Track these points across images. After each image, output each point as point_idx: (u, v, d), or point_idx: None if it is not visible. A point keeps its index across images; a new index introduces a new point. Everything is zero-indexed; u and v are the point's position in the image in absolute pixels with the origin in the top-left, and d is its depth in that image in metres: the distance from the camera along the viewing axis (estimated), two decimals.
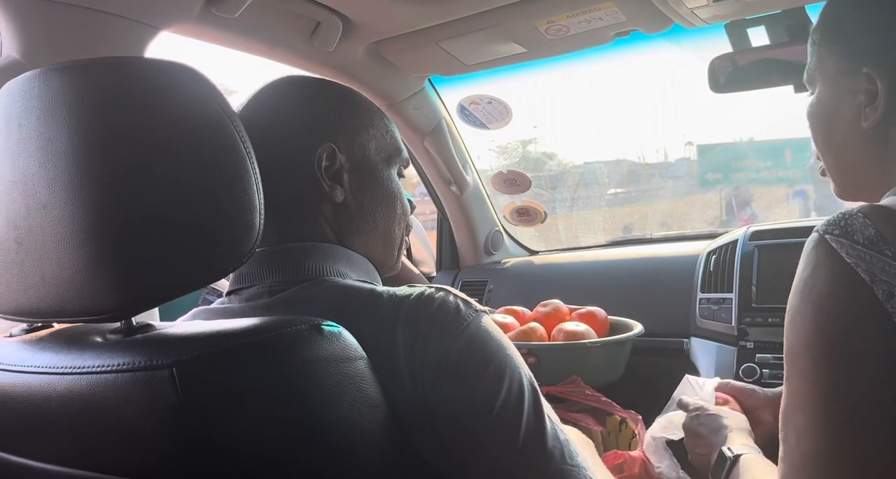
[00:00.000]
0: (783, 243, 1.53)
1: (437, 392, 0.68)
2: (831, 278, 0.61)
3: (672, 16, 1.26)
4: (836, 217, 0.64)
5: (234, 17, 1.13)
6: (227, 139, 0.64)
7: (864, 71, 0.73)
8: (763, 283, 1.50)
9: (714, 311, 1.54)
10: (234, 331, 0.60)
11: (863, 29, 0.76)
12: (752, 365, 1.41)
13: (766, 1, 1.21)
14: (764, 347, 1.44)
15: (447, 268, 2.16)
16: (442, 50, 1.45)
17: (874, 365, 0.58)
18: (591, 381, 1.27)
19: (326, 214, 0.83)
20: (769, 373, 1.39)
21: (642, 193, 8.22)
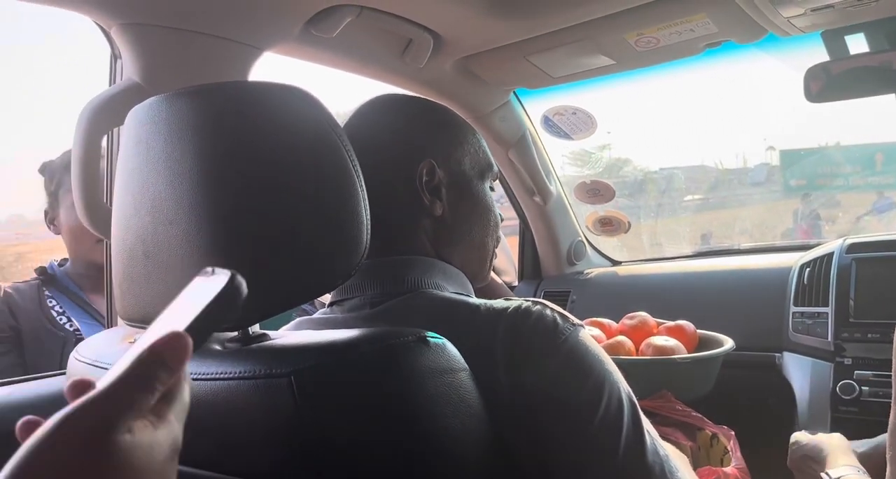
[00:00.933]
0: (883, 256, 1.48)
1: (536, 405, 0.69)
2: None
3: (766, 25, 1.24)
4: None
5: (331, 37, 1.18)
6: (337, 157, 0.67)
7: None
8: (861, 297, 1.45)
9: (808, 325, 1.50)
10: (344, 342, 0.62)
11: None
12: (850, 382, 1.37)
13: (867, 9, 1.18)
14: (863, 363, 1.39)
15: (529, 278, 2.16)
16: (530, 63, 1.46)
17: None
18: (680, 397, 1.25)
19: (426, 227, 0.86)
20: (869, 391, 1.34)
21: (721, 199, 7.99)
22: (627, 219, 2.03)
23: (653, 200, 7.14)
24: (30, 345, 1.45)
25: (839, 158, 6.81)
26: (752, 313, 1.63)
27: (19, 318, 1.47)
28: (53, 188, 1.55)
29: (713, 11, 1.21)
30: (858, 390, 1.36)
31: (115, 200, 0.73)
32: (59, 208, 1.55)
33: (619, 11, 1.25)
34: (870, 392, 1.35)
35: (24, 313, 1.47)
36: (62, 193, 1.52)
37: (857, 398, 1.35)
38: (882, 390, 1.33)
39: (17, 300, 1.49)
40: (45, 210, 1.58)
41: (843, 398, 1.37)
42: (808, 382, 1.46)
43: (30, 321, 1.47)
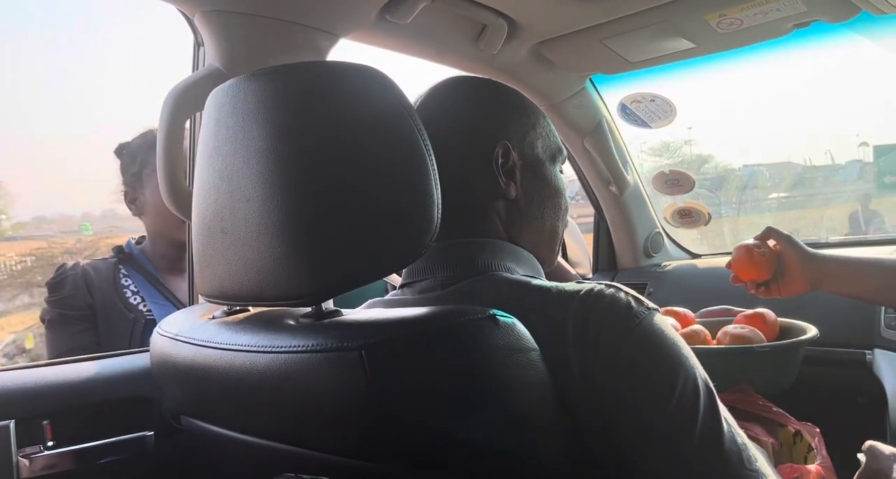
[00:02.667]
0: None
1: (608, 388, 0.67)
2: None
3: (860, 3, 1.18)
4: None
5: (406, 23, 1.18)
6: (410, 138, 0.67)
7: None
8: None
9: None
10: (415, 318, 0.63)
11: None
12: None
13: None
14: None
15: (604, 270, 2.13)
16: (606, 48, 1.43)
17: None
18: (760, 389, 1.20)
19: (499, 209, 0.85)
20: None
21: (808, 198, 7.70)
22: (708, 210, 1.96)
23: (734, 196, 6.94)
24: (103, 324, 1.48)
25: None
26: (841, 307, 1.54)
27: (95, 296, 1.50)
28: (136, 169, 1.57)
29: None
30: None
31: (196, 180, 0.75)
32: (142, 189, 1.57)
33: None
34: None
35: (99, 291, 1.50)
36: (146, 174, 1.54)
37: None
38: None
39: (93, 278, 1.52)
40: (124, 191, 1.60)
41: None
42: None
43: (104, 300, 1.50)
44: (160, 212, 1.47)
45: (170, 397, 0.88)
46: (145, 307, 1.51)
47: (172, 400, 0.88)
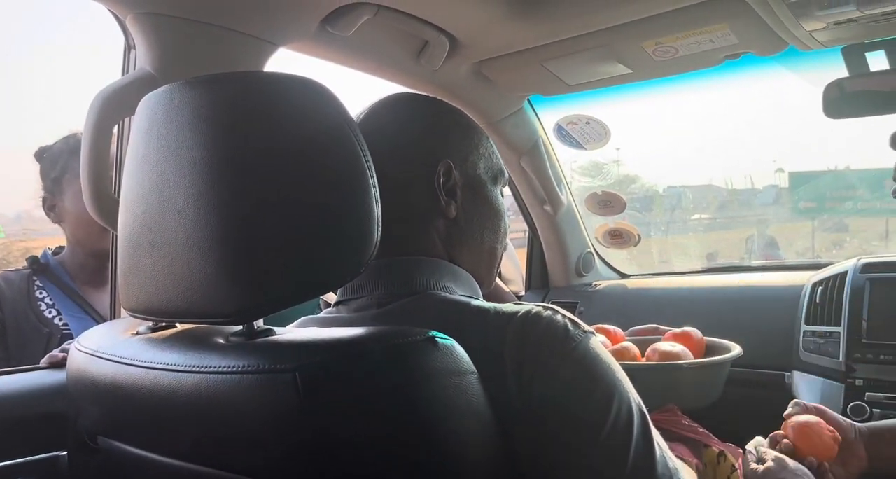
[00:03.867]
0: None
1: (544, 413, 0.67)
2: None
3: (788, 38, 1.23)
4: None
5: (347, 35, 1.17)
6: (350, 152, 0.66)
7: None
8: (874, 318, 1.43)
9: (820, 344, 1.47)
10: (351, 339, 0.61)
11: None
12: (861, 404, 1.34)
13: (890, 24, 1.16)
14: (875, 385, 1.36)
15: (536, 288, 2.15)
16: (545, 70, 1.45)
17: None
18: (687, 404, 1.23)
19: (439, 228, 0.84)
20: (880, 413, 1.32)
21: (729, 220, 8.00)
22: (637, 231, 2.01)
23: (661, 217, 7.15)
24: (14, 338, 1.40)
25: (850, 181, 6.80)
26: (762, 330, 1.61)
27: (5, 309, 1.42)
28: (57, 174, 1.49)
29: (735, 22, 1.20)
30: (869, 412, 1.33)
31: (124, 188, 0.72)
32: (61, 195, 1.49)
33: (638, 19, 1.24)
34: (881, 415, 1.32)
35: (10, 303, 1.43)
36: (67, 179, 1.47)
37: (867, 420, 1.32)
38: (894, 413, 1.31)
39: (3, 290, 1.44)
40: (43, 197, 1.52)
41: (854, 420, 1.34)
42: (817, 402, 1.43)
43: (15, 313, 1.42)
44: (81, 220, 1.40)
45: (86, 415, 0.84)
46: (61, 321, 1.43)
47: (89, 419, 0.84)
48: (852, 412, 1.34)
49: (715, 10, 1.18)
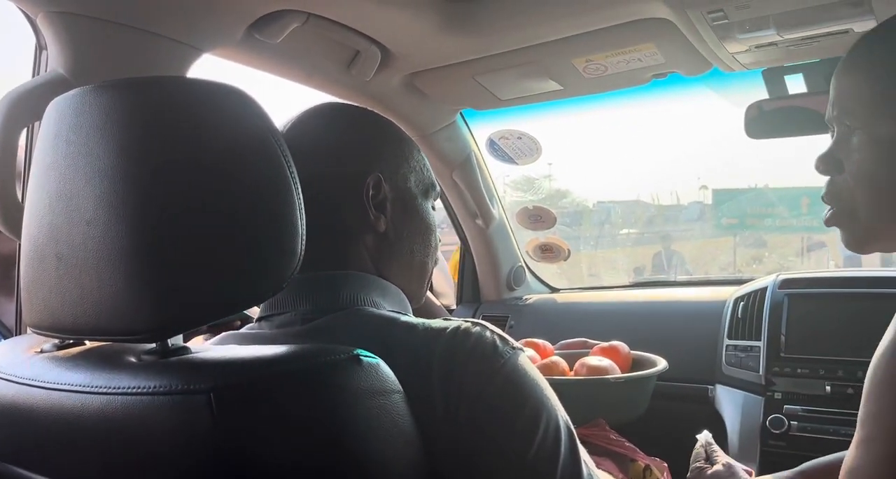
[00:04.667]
0: (815, 292, 1.51)
1: (471, 431, 0.66)
2: None
3: (712, 59, 1.26)
4: None
5: (275, 43, 1.14)
6: (274, 163, 0.63)
7: None
8: (793, 332, 1.47)
9: (741, 358, 1.51)
10: (272, 358, 0.58)
11: None
12: (779, 416, 1.38)
13: (808, 49, 1.21)
14: (792, 398, 1.41)
15: (468, 301, 2.14)
16: (477, 84, 1.45)
17: None
18: (614, 418, 1.24)
19: (367, 243, 0.82)
20: (797, 425, 1.36)
21: (655, 235, 8.22)
22: (567, 246, 2.03)
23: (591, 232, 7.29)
24: None
25: (769, 199, 7.07)
26: (687, 344, 1.64)
27: None
28: None
29: (661, 42, 1.22)
30: (787, 424, 1.37)
31: (29, 197, 0.67)
32: None
33: (569, 36, 1.25)
34: (798, 427, 1.36)
35: None
36: None
37: (785, 433, 1.36)
38: (810, 425, 1.35)
39: None
40: None
41: (772, 432, 1.38)
42: (739, 415, 1.47)
43: None
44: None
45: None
46: None
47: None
48: (771, 425, 1.38)
49: (643, 30, 1.20)
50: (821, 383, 1.39)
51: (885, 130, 0.74)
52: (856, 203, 0.78)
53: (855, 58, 0.78)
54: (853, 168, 0.77)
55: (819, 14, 1.09)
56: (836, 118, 0.79)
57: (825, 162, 0.80)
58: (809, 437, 1.34)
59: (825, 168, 0.80)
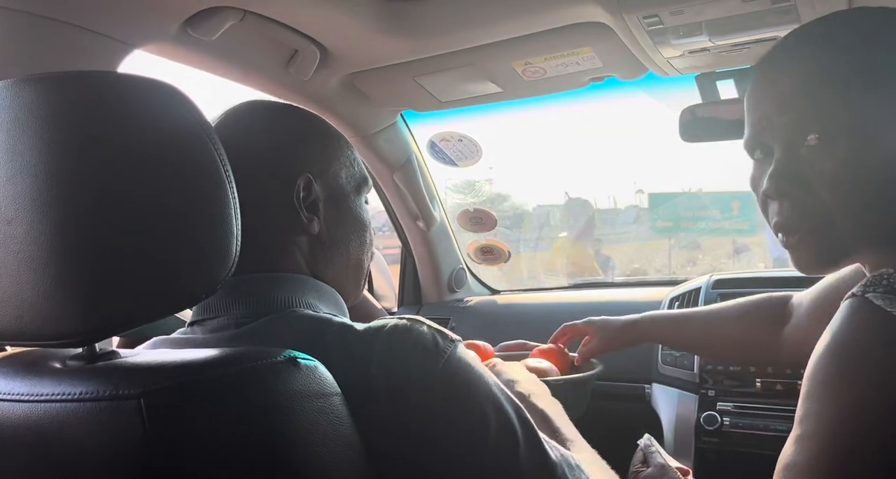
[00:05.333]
0: (745, 292, 1.55)
1: (418, 429, 0.65)
2: (881, 338, 0.57)
3: (648, 64, 1.29)
4: (874, 278, 0.61)
5: (210, 40, 1.11)
6: (206, 160, 0.61)
7: None
8: None
9: (676, 357, 1.55)
10: (205, 361, 0.57)
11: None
12: (713, 413, 1.41)
13: (739, 55, 1.24)
14: (725, 395, 1.44)
15: (409, 304, 2.13)
16: (417, 85, 1.45)
17: None
18: None
19: (300, 244, 0.81)
20: (730, 422, 1.39)
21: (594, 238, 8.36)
22: (508, 248, 2.04)
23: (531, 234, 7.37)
24: None
25: (703, 203, 7.25)
26: None
27: None
28: None
29: (598, 46, 1.24)
30: (720, 421, 1.40)
31: None
32: None
33: (509, 39, 1.26)
34: (731, 423, 1.40)
35: None
36: None
37: (718, 429, 1.40)
38: (741, 421, 1.39)
39: None
40: None
41: (706, 429, 1.41)
42: (674, 413, 1.50)
43: None
44: None
45: None
46: None
47: None
48: (705, 422, 1.41)
49: (581, 34, 1.22)
50: (752, 380, 1.43)
51: (859, 140, 0.68)
52: (833, 219, 0.70)
53: (787, 63, 0.73)
54: (828, 182, 0.69)
55: (749, 21, 1.12)
56: (788, 130, 0.72)
57: (789, 182, 0.71)
58: (741, 432, 1.37)
59: (789, 189, 0.72)
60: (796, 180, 0.71)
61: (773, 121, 0.72)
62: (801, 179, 0.70)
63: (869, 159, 0.67)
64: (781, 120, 0.72)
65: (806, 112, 0.70)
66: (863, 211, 0.69)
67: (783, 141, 0.72)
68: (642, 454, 1.04)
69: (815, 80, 0.70)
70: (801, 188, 0.70)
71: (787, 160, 0.71)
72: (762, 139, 0.75)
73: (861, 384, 0.57)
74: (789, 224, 0.73)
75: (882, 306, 0.58)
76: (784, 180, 0.71)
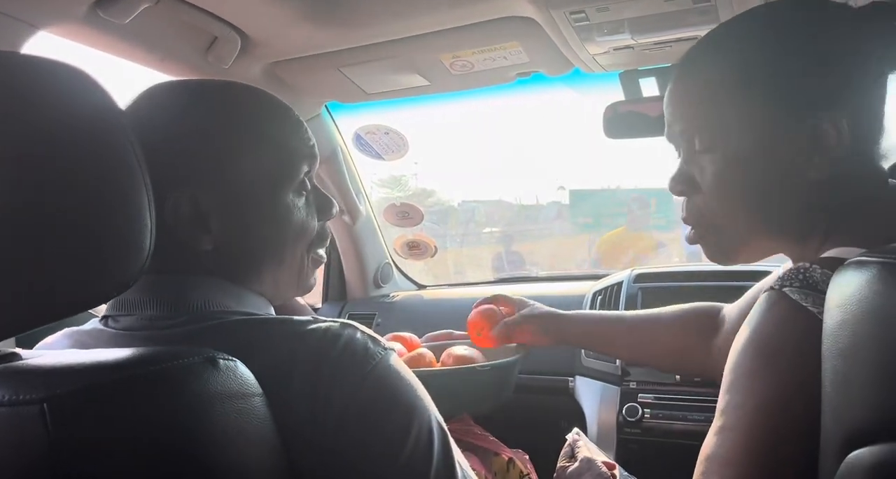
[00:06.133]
0: (665, 286, 1.59)
1: (340, 436, 0.63)
2: (797, 331, 0.59)
3: (574, 60, 1.29)
4: (790, 272, 0.63)
5: (123, 23, 1.05)
6: (117, 147, 0.58)
7: (810, 120, 0.69)
8: None
9: None
10: (116, 362, 0.53)
11: (804, 73, 0.71)
12: (634, 405, 1.44)
13: (661, 53, 1.27)
14: (645, 387, 1.47)
15: (334, 299, 2.10)
16: (343, 76, 1.42)
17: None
18: (481, 407, 1.26)
19: (205, 259, 0.74)
20: (650, 413, 1.42)
21: (517, 233, 8.48)
22: (434, 243, 2.03)
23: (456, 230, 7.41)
24: None
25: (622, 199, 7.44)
26: None
27: None
28: None
29: (526, 41, 1.24)
30: (641, 412, 1.43)
31: None
32: None
33: (437, 31, 1.24)
34: (651, 415, 1.43)
35: None
36: None
37: (639, 421, 1.42)
38: (662, 412, 1.42)
39: None
40: None
41: (628, 421, 1.44)
42: (597, 405, 1.52)
43: None
44: None
45: None
46: None
47: None
48: (627, 414, 1.44)
49: (509, 28, 1.21)
50: (671, 373, 1.46)
51: (736, 147, 0.74)
52: (718, 220, 0.78)
53: (688, 78, 0.78)
54: (710, 186, 0.76)
55: (670, 20, 1.14)
56: (682, 136, 0.78)
57: (680, 183, 0.79)
58: (661, 424, 1.41)
59: (681, 189, 0.80)
60: (688, 182, 0.79)
61: (672, 126, 0.79)
62: (692, 181, 0.78)
63: (746, 163, 0.73)
64: (678, 126, 0.79)
65: (694, 119, 0.77)
66: (743, 213, 0.76)
67: (682, 144, 0.79)
68: (570, 449, 1.05)
69: (707, 86, 0.76)
70: (693, 190, 0.79)
71: (683, 162, 0.79)
72: (671, 141, 0.82)
73: (779, 376, 0.59)
74: (691, 220, 0.81)
75: (798, 301, 0.60)
76: (678, 182, 0.80)
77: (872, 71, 0.71)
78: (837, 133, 0.69)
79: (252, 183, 0.75)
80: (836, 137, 0.69)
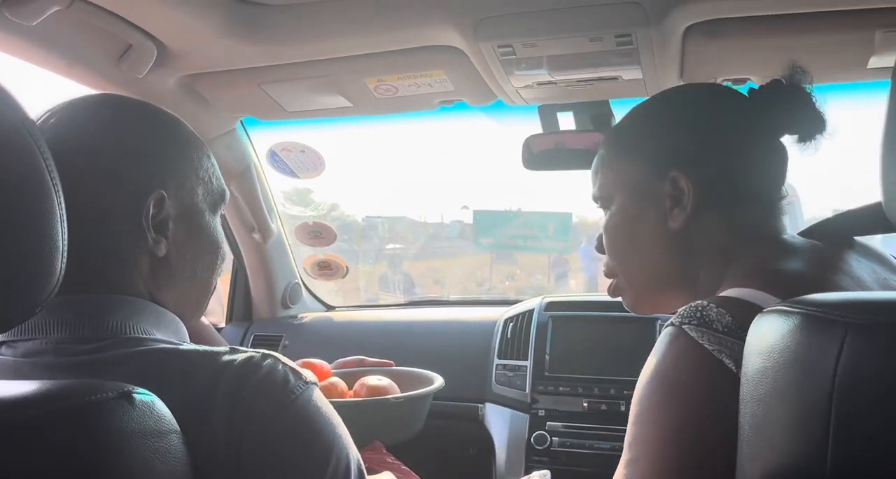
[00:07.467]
0: (574, 315, 1.63)
1: (256, 472, 0.61)
2: (694, 367, 0.63)
3: (497, 92, 1.31)
4: (690, 309, 0.67)
5: (30, 25, 0.99)
6: (27, 162, 0.53)
7: (670, 175, 0.80)
8: (555, 352, 1.57)
9: (510, 377, 1.58)
10: (20, 398, 0.49)
11: (660, 135, 0.83)
12: (543, 433, 1.46)
13: (581, 91, 1.30)
14: (554, 415, 1.50)
15: (238, 319, 2.03)
16: (263, 93, 1.38)
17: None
18: (394, 438, 1.24)
19: (141, 265, 0.73)
20: (558, 441, 1.45)
21: (419, 250, 8.52)
22: (346, 264, 2.00)
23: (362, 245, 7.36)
24: None
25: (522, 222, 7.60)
26: (460, 363, 1.68)
27: None
28: None
29: (452, 70, 1.25)
30: (549, 440, 1.45)
31: None
32: None
33: (364, 54, 1.23)
34: (559, 442, 1.45)
35: None
36: None
37: (548, 448, 1.44)
38: (569, 440, 1.45)
39: None
40: None
41: (536, 448, 1.45)
42: (506, 432, 1.53)
43: None
44: None
45: None
46: None
47: None
48: (535, 442, 1.45)
49: (435, 56, 1.22)
50: (579, 401, 1.49)
51: (621, 200, 0.86)
52: (622, 276, 0.89)
53: (600, 148, 0.91)
54: (607, 244, 0.89)
55: (592, 60, 1.18)
56: (597, 201, 0.91)
57: (598, 242, 0.92)
58: (568, 451, 1.43)
59: (597, 246, 0.92)
60: (601, 243, 0.91)
61: (593, 191, 0.91)
62: (601, 242, 0.90)
63: (627, 214, 0.86)
64: (592, 190, 0.91)
65: (600, 182, 0.90)
66: (632, 267, 0.88)
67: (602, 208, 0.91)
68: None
69: (606, 152, 0.89)
70: (603, 250, 0.90)
71: (603, 225, 0.90)
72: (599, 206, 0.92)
73: (681, 409, 0.63)
74: (609, 275, 0.92)
75: (695, 338, 0.64)
76: (597, 241, 0.92)
77: (740, 138, 0.81)
78: (691, 187, 0.79)
79: (198, 202, 0.78)
80: (690, 191, 0.79)
